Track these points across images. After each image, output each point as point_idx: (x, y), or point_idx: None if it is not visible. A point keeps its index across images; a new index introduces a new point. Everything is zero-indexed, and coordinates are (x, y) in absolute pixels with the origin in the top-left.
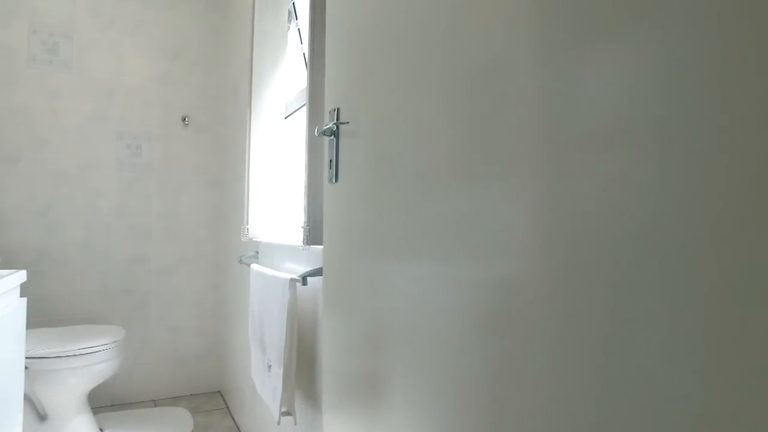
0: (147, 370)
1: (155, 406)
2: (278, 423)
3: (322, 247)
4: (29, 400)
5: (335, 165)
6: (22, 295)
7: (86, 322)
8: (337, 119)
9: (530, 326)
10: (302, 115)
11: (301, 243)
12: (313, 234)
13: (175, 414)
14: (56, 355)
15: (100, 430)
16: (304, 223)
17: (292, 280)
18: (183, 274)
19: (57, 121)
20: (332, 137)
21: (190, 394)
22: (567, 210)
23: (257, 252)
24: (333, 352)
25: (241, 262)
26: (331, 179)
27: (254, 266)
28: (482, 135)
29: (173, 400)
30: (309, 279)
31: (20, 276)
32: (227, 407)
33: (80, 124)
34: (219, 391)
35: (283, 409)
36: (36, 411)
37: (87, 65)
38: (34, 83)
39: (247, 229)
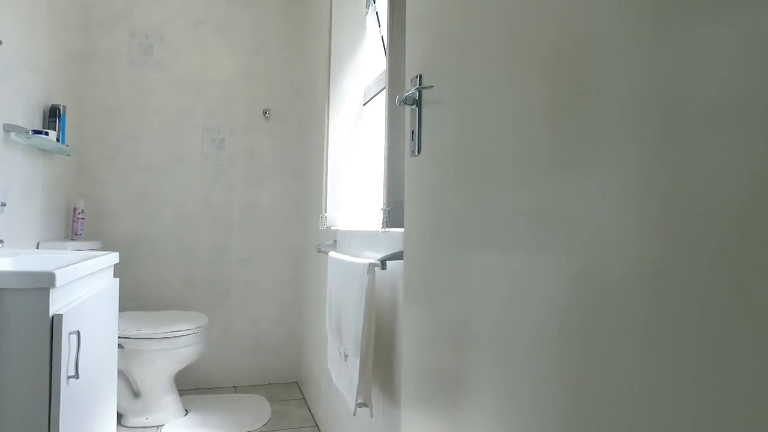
0: (228, 357)
1: (235, 392)
2: (354, 414)
3: (402, 230)
4: (125, 378)
5: (417, 136)
6: (116, 278)
7: (172, 308)
8: (420, 84)
9: (623, 324)
10: (381, 99)
11: (380, 226)
12: (393, 216)
13: (254, 401)
14: (146, 336)
15: (186, 410)
16: (384, 204)
17: (370, 264)
18: (263, 265)
19: (149, 118)
20: (414, 106)
21: (268, 383)
22: (670, 201)
23: (335, 241)
24: (414, 346)
25: (319, 250)
26: (413, 151)
27: (332, 254)
28: (581, 114)
29: (252, 388)
30: (388, 263)
31: (114, 257)
32: (303, 398)
33: (169, 120)
34: (296, 382)
35: (359, 401)
36: (131, 388)
37: (177, 64)
38: (131, 83)
39: (325, 217)
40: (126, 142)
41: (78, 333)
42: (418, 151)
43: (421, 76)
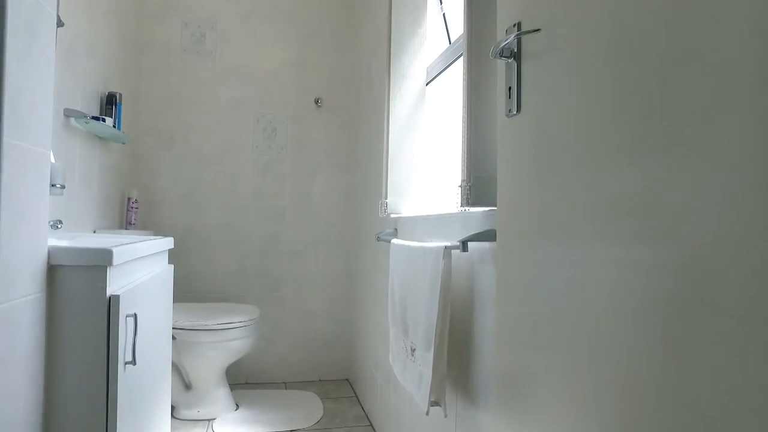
0: (278, 352)
1: (285, 388)
2: (427, 413)
3: (484, 209)
4: (176, 369)
5: (516, 93)
6: (170, 264)
7: (223, 300)
8: (519, 30)
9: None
10: (445, 79)
11: (458, 205)
12: (475, 193)
13: (306, 398)
14: (199, 327)
15: (236, 405)
16: (463, 180)
17: (446, 248)
18: (314, 257)
19: (201, 107)
20: (511, 59)
21: (319, 380)
22: None
23: (396, 229)
24: (508, 342)
25: (378, 239)
26: (510, 110)
27: (395, 241)
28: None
29: (302, 384)
30: (471, 245)
31: (169, 241)
32: (356, 396)
33: (221, 110)
34: (347, 379)
35: (432, 399)
36: (182, 380)
37: (228, 53)
38: (184, 72)
39: (386, 203)
40: (179, 133)
41: (135, 316)
42: (518, 109)
43: (520, 23)
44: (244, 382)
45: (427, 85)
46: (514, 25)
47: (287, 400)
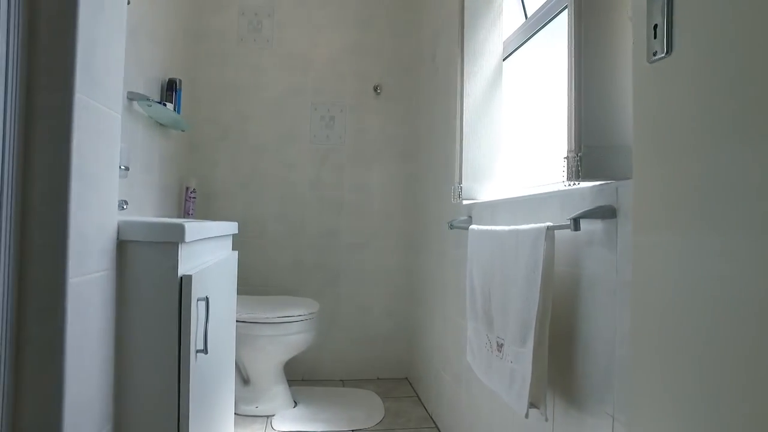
0: (336, 348)
1: (343, 385)
2: (526, 416)
3: (596, 183)
4: (235, 363)
5: (665, 30)
6: (234, 251)
7: (279, 293)
8: None
9: None
10: (526, 53)
11: (564, 180)
12: (585, 164)
13: (365, 397)
14: (259, 320)
15: (294, 402)
16: (570, 151)
17: (548, 229)
18: (374, 251)
19: (258, 96)
20: None
21: (377, 378)
22: None
23: (470, 216)
24: (648, 348)
25: (452, 227)
26: (654, 53)
27: (475, 227)
28: None
29: (360, 382)
30: (583, 223)
31: (233, 226)
32: (417, 396)
33: (278, 98)
34: (406, 378)
35: (530, 401)
36: (241, 374)
37: (285, 41)
38: (240, 61)
39: (460, 188)
40: (236, 122)
41: (207, 300)
42: (667, 51)
43: None
44: (301, 378)
45: (504, 60)
46: None
47: (346, 398)
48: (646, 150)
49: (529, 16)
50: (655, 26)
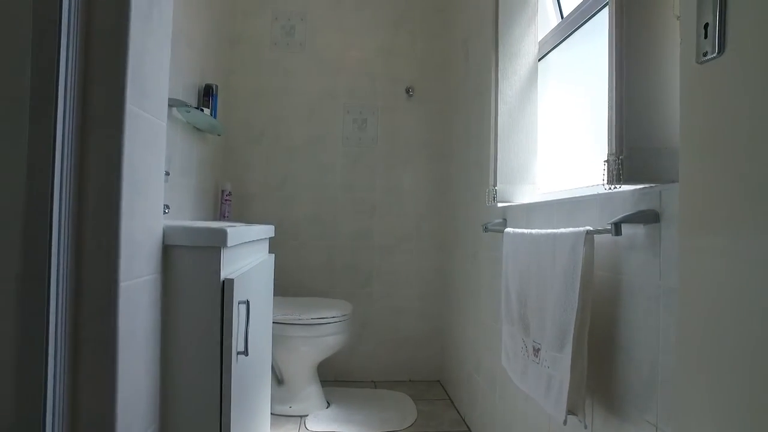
0: (368, 350)
1: (375, 387)
2: (564, 423)
3: (639, 187)
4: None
5: (717, 29)
6: (271, 253)
7: (312, 294)
8: None
9: None
10: (561, 53)
11: (605, 183)
12: (629, 166)
13: (397, 399)
14: (293, 321)
15: (327, 403)
16: (611, 154)
17: (588, 232)
18: (406, 253)
19: (291, 99)
20: None
21: (409, 380)
22: None
23: (504, 219)
24: (694, 356)
25: (486, 230)
26: (704, 53)
27: (510, 230)
28: None
29: (392, 384)
30: (625, 228)
31: (270, 229)
32: (450, 399)
33: (311, 101)
34: (438, 381)
35: (568, 408)
36: (275, 374)
37: (317, 44)
38: (274, 65)
39: (495, 191)
40: (269, 125)
41: (247, 303)
42: (719, 51)
43: None
44: (334, 379)
45: (539, 61)
46: None
47: (378, 400)
48: (694, 153)
49: (565, 15)
50: (706, 25)
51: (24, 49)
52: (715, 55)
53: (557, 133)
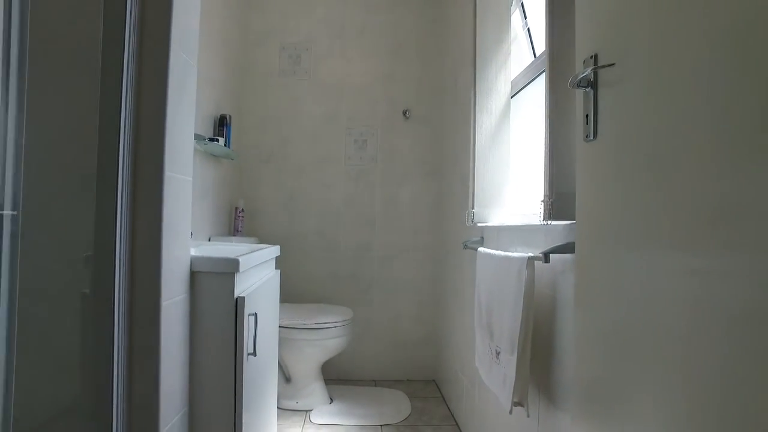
0: (369, 351)
1: (375, 385)
2: (510, 412)
3: (565, 223)
4: (278, 364)
5: (593, 120)
6: (277, 269)
7: (317, 301)
8: (596, 64)
9: None
10: (531, 91)
11: (541, 219)
12: (556, 208)
13: (394, 396)
14: (299, 326)
15: (330, 399)
16: (545, 195)
17: (530, 258)
18: (403, 263)
19: (297, 123)
20: (588, 88)
21: (407, 380)
22: None
23: (482, 237)
24: (587, 351)
25: (466, 246)
26: (587, 136)
27: (482, 249)
28: None
29: (390, 383)
30: (552, 257)
31: (276, 250)
32: (442, 396)
33: (315, 124)
34: (434, 380)
35: (515, 399)
36: (283, 373)
37: (322, 72)
38: (282, 92)
39: (473, 213)
40: (278, 147)
41: (255, 315)
42: (594, 136)
43: (596, 56)
44: (336, 378)
45: (511, 98)
46: (591, 57)
47: (377, 396)
48: (582, 199)
49: (537, 54)
50: (587, 116)
51: (92, 135)
52: (592, 138)
53: (525, 162)
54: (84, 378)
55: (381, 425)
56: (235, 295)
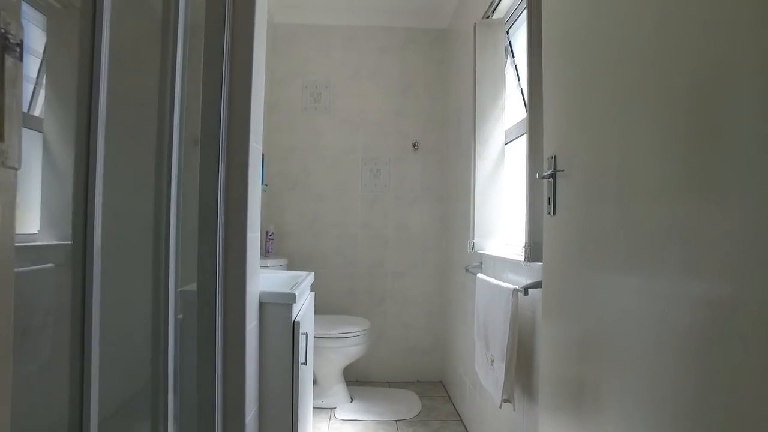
0: (383, 356)
1: (389, 386)
2: (500, 407)
3: (541, 264)
4: None
5: (553, 201)
6: (312, 292)
7: (338, 313)
8: (555, 168)
9: (753, 353)
10: (521, 143)
11: (522, 259)
12: (533, 252)
13: (406, 395)
14: (324, 335)
15: (351, 398)
16: (525, 243)
17: (515, 290)
18: (413, 279)
19: (318, 154)
20: (550, 179)
21: (417, 381)
22: None
23: (481, 263)
24: (550, 357)
25: (467, 270)
26: (549, 212)
27: (480, 275)
28: (708, 148)
29: (402, 384)
30: (530, 291)
31: (312, 276)
32: (448, 395)
33: (335, 156)
34: (441, 381)
35: (504, 397)
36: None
37: (340, 108)
38: (304, 126)
39: (473, 243)
40: (301, 175)
41: (306, 334)
42: (554, 213)
43: (555, 158)
44: (355, 380)
45: (506, 145)
46: (551, 158)
47: (391, 396)
48: (547, 250)
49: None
50: (549, 198)
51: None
52: (553, 215)
53: (517, 201)
54: (199, 382)
55: (396, 420)
56: (293, 320)
